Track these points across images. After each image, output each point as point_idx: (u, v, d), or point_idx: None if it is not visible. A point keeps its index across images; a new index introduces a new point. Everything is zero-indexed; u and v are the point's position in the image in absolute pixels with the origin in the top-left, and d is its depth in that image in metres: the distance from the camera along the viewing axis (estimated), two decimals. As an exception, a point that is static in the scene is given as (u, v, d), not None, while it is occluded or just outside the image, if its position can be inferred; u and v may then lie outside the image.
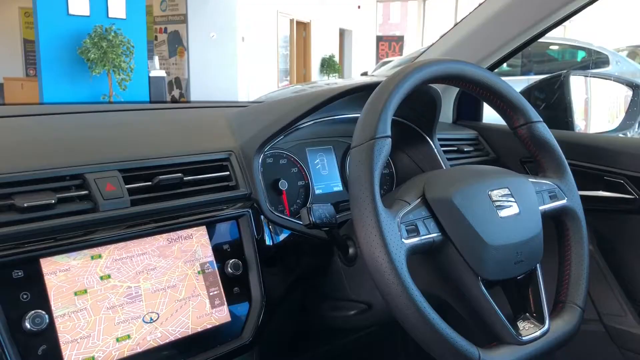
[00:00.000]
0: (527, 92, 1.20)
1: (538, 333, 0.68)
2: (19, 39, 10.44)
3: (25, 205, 0.58)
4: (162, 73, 7.02)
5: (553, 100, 1.15)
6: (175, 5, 9.10)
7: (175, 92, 9.26)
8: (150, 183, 0.68)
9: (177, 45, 9.11)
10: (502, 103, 0.79)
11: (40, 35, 5.83)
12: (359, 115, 0.88)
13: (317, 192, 0.92)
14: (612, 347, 0.96)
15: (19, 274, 0.55)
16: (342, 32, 13.51)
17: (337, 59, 12.84)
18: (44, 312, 0.55)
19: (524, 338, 0.67)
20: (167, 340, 0.63)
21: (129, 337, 0.60)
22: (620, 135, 1.13)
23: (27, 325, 0.54)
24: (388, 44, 15.38)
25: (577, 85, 1.13)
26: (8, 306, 0.54)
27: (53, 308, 0.56)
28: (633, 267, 0.98)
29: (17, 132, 0.73)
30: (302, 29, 11.48)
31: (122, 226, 0.63)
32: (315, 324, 0.86)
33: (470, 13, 1.03)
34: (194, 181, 0.73)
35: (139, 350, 0.61)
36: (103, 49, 5.76)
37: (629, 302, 0.95)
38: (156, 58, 7.19)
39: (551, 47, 6.11)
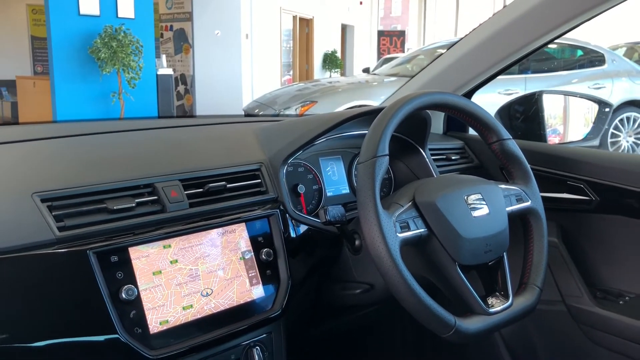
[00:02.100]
0: (508, 107, 1.39)
1: (503, 306, 0.87)
2: (27, 36, 10.61)
3: (114, 207, 0.78)
4: (170, 71, 7.19)
5: (530, 114, 1.34)
6: (180, 4, 9.26)
7: (181, 88, 9.43)
8: (202, 189, 0.88)
9: (182, 42, 9.28)
10: (478, 124, 0.98)
11: (52, 35, 6.00)
12: (362, 132, 1.09)
13: (328, 194, 1.11)
14: (572, 323, 1.16)
15: (115, 259, 0.75)
16: (344, 28, 13.65)
17: (339, 54, 13.00)
18: (133, 287, 0.75)
19: (491, 310, 0.86)
20: (219, 310, 0.83)
21: (191, 306, 0.80)
22: (583, 146, 1.32)
23: (123, 295, 0.73)
24: (389, 38, 15.52)
25: (550, 102, 1.32)
26: (109, 282, 0.73)
27: (139, 284, 0.76)
28: (590, 257, 1.17)
29: (95, 149, 0.93)
30: (304, 25, 11.64)
31: (183, 223, 0.83)
32: (328, 302, 1.05)
33: (448, 50, 1.22)
34: (234, 187, 0.92)
35: (198, 316, 0.80)
36: (113, 48, 5.93)
37: (586, 285, 1.14)
38: (164, 57, 7.37)
39: (549, 45, 6.26)
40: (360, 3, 13.99)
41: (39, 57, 10.67)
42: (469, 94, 1.24)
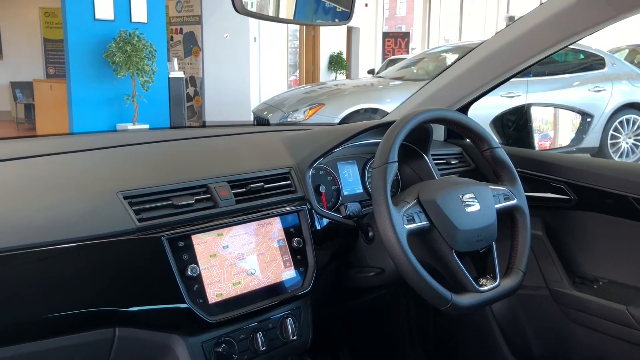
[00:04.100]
0: (501, 117, 1.57)
1: (492, 286, 1.05)
2: (40, 38, 10.84)
3: (179, 203, 0.97)
4: (181, 74, 7.39)
5: (519, 124, 1.53)
6: (190, 7, 9.46)
7: (190, 90, 9.64)
8: (244, 189, 1.07)
9: (192, 45, 9.48)
10: (472, 134, 1.17)
11: (69, 39, 6.21)
12: (373, 141, 1.28)
13: (345, 193, 1.30)
14: (554, 304, 1.34)
15: (181, 244, 0.94)
16: (349, 30, 13.83)
17: (344, 55, 13.18)
18: (196, 266, 0.94)
19: (481, 289, 1.04)
20: (260, 286, 1.02)
21: (239, 283, 0.99)
22: (565, 152, 1.51)
23: (189, 273, 0.93)
24: (394, 40, 15.69)
25: (537, 113, 1.51)
26: (178, 262, 0.92)
27: (199, 264, 0.95)
28: (570, 248, 1.36)
29: (160, 155, 1.13)
30: (311, 27, 11.82)
31: (231, 216, 1.02)
32: (346, 284, 1.24)
33: (446, 69, 1.41)
34: (270, 188, 1.11)
35: (245, 291, 1.00)
36: (127, 52, 6.13)
37: (566, 272, 1.33)
38: (175, 60, 7.58)
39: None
40: (366, 5, 14.17)
41: (51, 59, 10.90)
42: (465, 108, 1.43)
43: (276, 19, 0.88)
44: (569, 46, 1.18)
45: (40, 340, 0.81)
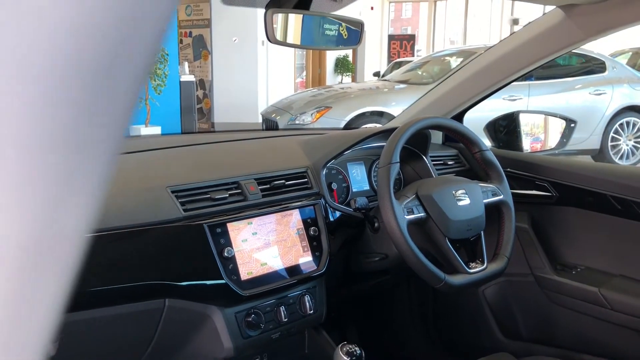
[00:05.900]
0: (494, 122, 1.76)
1: (480, 268, 1.24)
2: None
3: (216, 197, 1.16)
4: (192, 78, 7.59)
5: (510, 129, 1.72)
6: (199, 11, 9.66)
7: (199, 93, 9.85)
8: (269, 185, 1.26)
9: (201, 48, 9.69)
10: (464, 139, 1.35)
11: (84, 44, 6.43)
12: (380, 144, 1.47)
13: (353, 190, 1.49)
14: (538, 288, 1.52)
15: (219, 230, 1.13)
16: (355, 32, 13.98)
17: (350, 58, 13.36)
18: (231, 248, 1.13)
19: (471, 271, 1.22)
20: (283, 267, 1.21)
21: (266, 264, 1.18)
22: (549, 155, 1.69)
23: (225, 254, 1.11)
24: (399, 42, 15.84)
25: (526, 120, 1.69)
26: (216, 245, 1.11)
27: (234, 247, 1.14)
28: (552, 238, 1.54)
29: (200, 156, 1.32)
30: (317, 30, 12.01)
31: (259, 208, 1.21)
32: (355, 268, 1.43)
33: (442, 81, 1.60)
34: (290, 184, 1.30)
35: (270, 270, 1.18)
36: (141, 56, 6.34)
37: (549, 260, 1.51)
38: (186, 64, 7.78)
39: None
40: (372, 8, 14.35)
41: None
42: (461, 115, 1.61)
43: (301, 47, 1.06)
44: (571, 50, 1.37)
45: (110, 306, 1.00)
